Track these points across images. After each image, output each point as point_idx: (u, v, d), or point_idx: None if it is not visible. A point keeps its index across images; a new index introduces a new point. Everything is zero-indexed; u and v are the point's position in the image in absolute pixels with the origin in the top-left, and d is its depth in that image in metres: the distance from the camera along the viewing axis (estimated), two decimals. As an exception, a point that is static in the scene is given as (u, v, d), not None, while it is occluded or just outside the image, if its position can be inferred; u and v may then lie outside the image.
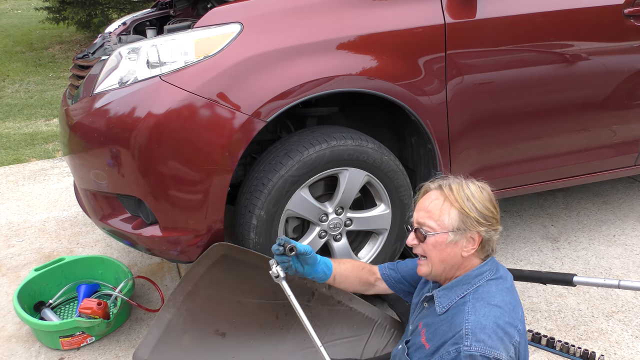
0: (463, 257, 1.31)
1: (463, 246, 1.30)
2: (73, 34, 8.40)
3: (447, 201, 1.30)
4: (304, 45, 1.74)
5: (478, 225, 1.27)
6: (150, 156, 1.69)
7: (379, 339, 1.84)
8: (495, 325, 1.21)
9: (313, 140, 1.82)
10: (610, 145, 2.37)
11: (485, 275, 1.32)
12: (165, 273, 2.48)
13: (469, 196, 1.28)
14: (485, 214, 1.28)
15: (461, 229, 1.28)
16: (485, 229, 1.28)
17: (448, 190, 1.31)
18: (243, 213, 1.86)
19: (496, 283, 1.31)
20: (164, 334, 1.74)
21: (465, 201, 1.28)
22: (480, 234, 1.29)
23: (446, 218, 1.30)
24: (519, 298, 1.36)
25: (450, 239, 1.29)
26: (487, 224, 1.28)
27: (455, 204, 1.29)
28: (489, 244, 1.31)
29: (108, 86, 1.78)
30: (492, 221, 1.29)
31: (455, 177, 1.35)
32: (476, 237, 1.29)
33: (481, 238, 1.29)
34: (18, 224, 2.98)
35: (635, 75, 2.22)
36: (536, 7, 2.00)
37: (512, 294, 1.32)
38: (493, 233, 1.30)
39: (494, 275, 1.32)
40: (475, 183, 1.33)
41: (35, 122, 4.86)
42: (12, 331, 2.13)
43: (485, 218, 1.28)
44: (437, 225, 1.31)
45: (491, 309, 1.24)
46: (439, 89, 1.91)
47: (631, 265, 2.45)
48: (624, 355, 1.93)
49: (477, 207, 1.27)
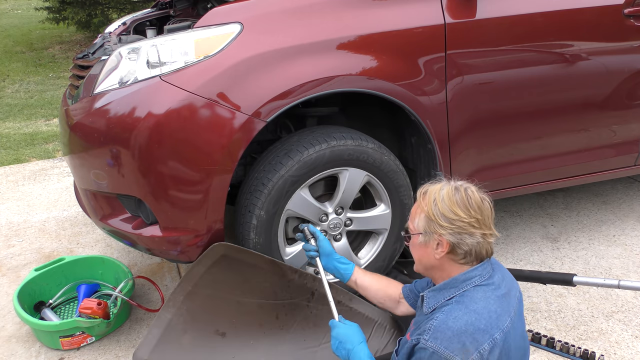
0: (437, 259, 1.33)
1: (433, 249, 1.33)
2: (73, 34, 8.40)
3: (420, 205, 1.36)
4: (304, 45, 1.74)
5: (441, 229, 1.29)
6: (150, 156, 1.69)
7: (379, 339, 1.84)
8: (462, 329, 1.20)
9: (313, 140, 1.82)
10: (610, 145, 2.37)
11: (474, 280, 1.31)
12: (165, 273, 2.48)
13: (437, 200, 1.30)
14: (451, 218, 1.28)
15: (427, 231, 1.32)
16: (449, 233, 1.28)
17: (423, 195, 1.36)
18: (243, 213, 1.87)
19: (484, 289, 1.29)
20: (164, 334, 1.74)
21: (433, 206, 1.30)
22: (444, 237, 1.29)
23: (417, 221, 1.35)
24: (515, 306, 1.32)
25: (420, 241, 1.35)
26: (453, 227, 1.28)
27: (424, 208, 1.33)
28: (462, 248, 1.29)
29: (108, 86, 1.78)
30: (461, 225, 1.28)
31: (448, 181, 1.36)
32: (443, 241, 1.30)
33: (448, 242, 1.29)
34: (18, 224, 2.98)
35: (635, 75, 2.22)
36: (536, 7, 2.00)
37: (502, 302, 1.28)
38: (466, 237, 1.28)
39: (483, 281, 1.31)
40: (453, 188, 1.32)
41: (35, 122, 4.86)
42: (12, 331, 2.13)
43: (450, 222, 1.28)
44: (412, 227, 1.38)
45: (466, 314, 1.24)
46: (439, 89, 1.91)
47: (631, 265, 2.45)
48: (624, 355, 1.93)
49: (440, 211, 1.29)
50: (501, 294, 1.30)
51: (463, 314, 1.23)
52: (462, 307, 1.25)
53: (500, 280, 1.33)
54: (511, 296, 1.33)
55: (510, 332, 1.25)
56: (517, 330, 1.30)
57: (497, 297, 1.28)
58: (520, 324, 1.33)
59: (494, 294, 1.29)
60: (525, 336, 1.37)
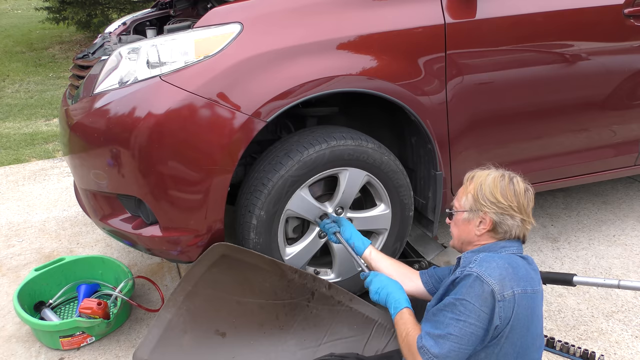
0: (477, 235, 1.47)
1: (475, 225, 1.46)
2: (73, 34, 8.40)
3: (467, 187, 1.51)
4: (304, 45, 1.74)
5: (485, 208, 1.43)
6: (150, 156, 1.69)
7: (379, 338, 1.84)
8: (504, 267, 1.32)
9: (313, 140, 1.82)
10: (610, 145, 2.37)
11: (512, 249, 1.44)
12: (165, 273, 2.48)
13: (483, 184, 1.46)
14: (494, 200, 1.43)
15: (473, 209, 1.46)
16: (493, 212, 1.42)
17: (470, 179, 1.51)
18: (243, 213, 1.86)
19: (520, 259, 1.41)
20: (164, 334, 1.74)
21: (479, 188, 1.46)
22: (489, 216, 1.43)
23: (463, 199, 1.51)
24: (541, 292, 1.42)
25: (464, 217, 1.49)
26: (496, 209, 1.43)
27: (471, 189, 1.48)
28: (502, 228, 1.43)
29: (108, 86, 1.78)
30: (504, 207, 1.42)
31: (497, 169, 1.51)
32: (487, 219, 1.44)
33: (492, 221, 1.43)
34: (18, 224, 2.98)
35: (635, 75, 2.22)
36: (536, 7, 2.00)
37: (534, 275, 1.39)
38: (507, 218, 1.42)
39: (521, 255, 1.44)
40: (500, 175, 1.47)
41: (35, 122, 4.86)
42: (12, 331, 2.13)
43: (493, 204, 1.43)
44: (458, 205, 1.53)
45: (508, 260, 1.36)
46: (439, 89, 1.91)
47: (631, 265, 2.45)
48: (623, 355, 1.93)
49: (484, 193, 1.44)
50: (534, 268, 1.42)
51: (506, 258, 1.37)
52: (506, 256, 1.39)
53: (533, 262, 1.45)
54: (539, 282, 1.43)
55: (537, 299, 1.37)
56: (539, 313, 1.40)
57: (532, 270, 1.41)
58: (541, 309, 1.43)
59: (530, 266, 1.41)
60: (541, 326, 1.45)
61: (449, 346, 1.29)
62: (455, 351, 1.29)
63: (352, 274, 2.06)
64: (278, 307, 1.84)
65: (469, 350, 1.30)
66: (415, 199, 2.14)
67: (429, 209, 2.14)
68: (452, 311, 1.31)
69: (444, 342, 1.30)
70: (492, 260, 1.35)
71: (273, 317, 1.84)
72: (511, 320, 1.30)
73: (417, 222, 2.25)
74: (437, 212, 2.10)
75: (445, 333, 1.30)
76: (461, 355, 1.30)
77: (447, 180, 2.09)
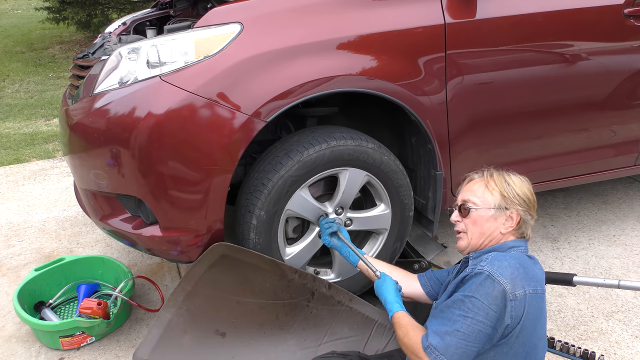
0: (502, 233, 1.47)
1: (502, 223, 1.46)
2: (73, 34, 8.40)
3: (489, 184, 1.50)
4: (304, 45, 1.74)
5: (517, 205, 1.45)
6: (150, 156, 1.69)
7: (379, 338, 1.84)
8: (516, 266, 1.33)
9: (313, 140, 1.82)
10: (610, 145, 2.37)
11: (521, 249, 1.45)
12: (165, 273, 2.48)
13: (508, 181, 1.48)
14: (524, 198, 1.46)
15: (502, 207, 1.46)
16: (523, 210, 1.45)
17: (489, 177, 1.51)
18: (243, 213, 1.86)
19: (530, 258, 1.43)
20: (164, 334, 1.74)
21: (506, 185, 1.47)
22: (519, 213, 1.45)
23: (489, 196, 1.49)
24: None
25: (491, 214, 1.47)
26: (524, 207, 1.45)
27: (495, 187, 1.48)
28: (525, 226, 1.46)
29: (108, 86, 1.78)
30: (529, 205, 1.46)
31: (496, 169, 1.53)
32: (515, 216, 1.45)
33: (519, 217, 1.45)
34: (18, 224, 2.98)
35: (635, 75, 2.22)
36: (536, 7, 2.00)
37: (540, 274, 1.41)
38: (529, 217, 1.46)
39: (528, 254, 1.45)
40: (516, 175, 1.51)
41: (35, 122, 4.86)
42: (12, 331, 2.13)
43: (523, 202, 1.45)
44: (480, 201, 1.50)
45: (518, 260, 1.37)
46: (439, 89, 1.91)
47: (631, 265, 2.45)
48: (624, 355, 1.93)
49: (515, 191, 1.46)
50: (539, 267, 1.44)
51: (517, 258, 1.38)
52: (516, 256, 1.39)
53: (538, 263, 1.46)
54: (542, 272, 1.45)
55: (544, 299, 1.38)
56: (545, 313, 1.42)
57: (539, 270, 1.42)
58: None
59: (536, 266, 1.43)
60: (546, 326, 1.46)
61: (455, 342, 1.29)
62: (462, 348, 1.28)
63: (352, 274, 2.06)
64: (278, 307, 1.84)
65: (475, 348, 1.30)
66: (415, 199, 2.14)
67: (429, 209, 2.14)
68: (459, 308, 1.31)
69: (450, 338, 1.29)
70: (504, 259, 1.35)
71: (273, 317, 1.84)
72: (522, 320, 1.30)
73: (417, 222, 2.25)
74: (437, 212, 2.10)
75: (452, 329, 1.30)
76: (468, 352, 1.29)
77: (447, 180, 2.09)
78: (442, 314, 1.35)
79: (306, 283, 1.84)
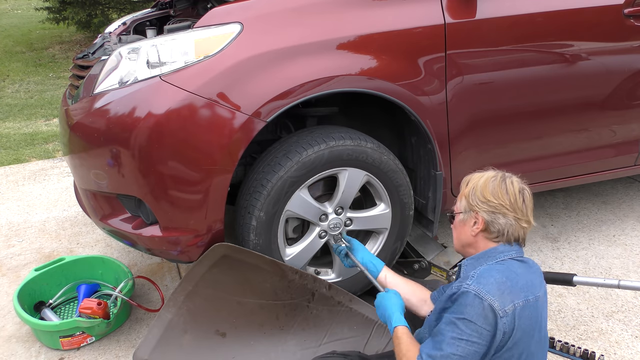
0: (472, 236, 1.47)
1: (470, 226, 1.47)
2: (73, 34, 8.40)
3: (463, 190, 1.53)
4: (304, 45, 1.74)
5: (476, 207, 1.44)
6: (150, 156, 1.69)
7: (379, 339, 1.84)
8: (503, 280, 1.31)
9: (312, 140, 1.82)
10: (610, 145, 2.37)
11: (511, 253, 1.42)
12: (165, 273, 2.48)
13: (476, 186, 1.47)
14: (483, 200, 1.44)
15: (467, 210, 1.47)
16: (484, 211, 1.43)
17: (466, 183, 1.53)
18: (242, 214, 1.86)
19: (520, 264, 1.40)
20: (164, 334, 1.74)
21: (471, 190, 1.48)
22: (481, 215, 1.43)
23: (459, 202, 1.53)
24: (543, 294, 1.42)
25: (460, 219, 1.50)
26: (487, 208, 1.43)
27: (465, 192, 1.50)
28: (495, 227, 1.43)
29: (108, 86, 1.78)
30: (495, 205, 1.43)
31: (494, 171, 1.51)
32: (479, 218, 1.44)
33: (484, 220, 1.43)
34: (18, 224, 2.98)
35: (635, 75, 2.22)
36: (536, 7, 2.00)
37: (536, 278, 1.39)
38: (499, 217, 1.42)
39: (520, 258, 1.43)
40: (492, 176, 1.47)
41: (35, 122, 4.86)
42: (12, 331, 2.13)
43: (483, 202, 1.43)
44: (455, 208, 1.55)
45: (506, 271, 1.35)
46: (439, 89, 1.91)
47: (631, 265, 2.45)
48: (624, 355, 1.93)
49: (476, 194, 1.46)
50: (534, 270, 1.42)
51: (504, 270, 1.35)
52: (503, 268, 1.37)
53: (534, 265, 1.45)
54: (541, 276, 1.43)
55: (540, 305, 1.36)
56: (543, 316, 1.39)
57: (533, 273, 1.40)
58: (545, 313, 1.42)
59: (529, 269, 1.41)
60: (546, 328, 1.43)
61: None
62: None
63: (353, 274, 2.06)
64: (278, 307, 1.84)
65: None
66: (415, 199, 2.14)
67: (429, 209, 2.14)
68: (453, 330, 1.28)
69: None
70: (490, 275, 1.33)
71: (273, 318, 1.84)
72: (514, 333, 1.28)
73: (417, 222, 2.25)
74: (437, 212, 2.10)
75: (448, 353, 1.27)
76: None
77: (447, 180, 2.09)
78: (435, 338, 1.33)
79: (306, 284, 1.84)
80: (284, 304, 1.84)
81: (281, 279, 1.82)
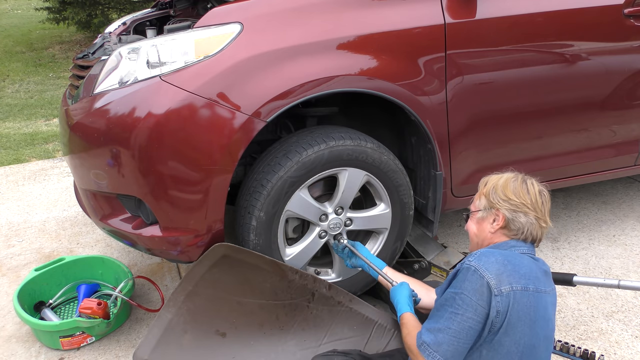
0: (491, 233, 1.50)
1: (489, 223, 1.51)
2: (73, 34, 8.40)
3: (481, 190, 1.57)
4: (304, 45, 1.74)
5: (498, 205, 1.48)
6: (150, 156, 1.69)
7: (379, 339, 1.84)
8: (505, 262, 1.34)
9: (312, 140, 1.82)
10: (610, 145, 2.37)
11: (522, 249, 1.45)
12: (165, 273, 2.48)
13: (496, 185, 1.52)
14: (506, 198, 1.48)
15: (486, 208, 1.52)
16: (506, 209, 1.47)
17: (484, 184, 1.57)
18: (242, 214, 1.86)
19: (529, 259, 1.41)
20: (164, 334, 1.74)
21: (491, 189, 1.53)
22: (502, 212, 1.47)
23: (477, 201, 1.58)
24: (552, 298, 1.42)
25: (479, 216, 1.54)
26: (508, 206, 1.47)
27: (484, 191, 1.55)
28: (515, 225, 1.46)
29: (108, 86, 1.78)
30: (516, 204, 1.46)
31: (514, 173, 1.54)
32: (500, 215, 1.48)
33: (504, 217, 1.47)
34: (18, 224, 2.98)
35: (635, 75, 2.22)
36: (536, 7, 2.00)
37: (541, 275, 1.39)
38: (520, 215, 1.45)
39: (531, 255, 1.45)
40: (513, 176, 1.52)
41: (35, 122, 4.86)
42: (12, 331, 2.13)
43: (506, 201, 1.47)
44: (473, 207, 1.60)
45: (510, 256, 1.37)
46: (439, 89, 1.91)
47: (631, 265, 2.45)
48: (624, 355, 1.93)
49: (497, 192, 1.50)
50: (545, 268, 1.43)
51: (508, 255, 1.38)
52: (508, 253, 1.41)
53: (545, 266, 1.46)
54: (548, 283, 1.42)
55: (542, 299, 1.35)
56: (548, 313, 1.39)
57: (539, 269, 1.40)
58: (548, 314, 1.41)
59: (538, 265, 1.41)
60: (551, 328, 1.43)
61: (447, 339, 1.31)
62: (454, 344, 1.31)
63: (353, 274, 2.06)
64: (278, 307, 1.84)
65: (467, 344, 1.32)
66: (415, 199, 2.14)
67: (429, 209, 2.14)
68: (450, 305, 1.34)
69: (442, 335, 1.32)
70: (491, 255, 1.36)
71: (273, 318, 1.84)
72: (508, 315, 1.30)
73: (417, 222, 2.25)
74: (437, 212, 2.10)
75: (444, 327, 1.32)
76: (460, 349, 1.31)
77: (447, 180, 2.09)
78: (436, 312, 1.38)
79: (307, 284, 1.84)
80: (284, 304, 1.84)
81: (281, 279, 1.82)
